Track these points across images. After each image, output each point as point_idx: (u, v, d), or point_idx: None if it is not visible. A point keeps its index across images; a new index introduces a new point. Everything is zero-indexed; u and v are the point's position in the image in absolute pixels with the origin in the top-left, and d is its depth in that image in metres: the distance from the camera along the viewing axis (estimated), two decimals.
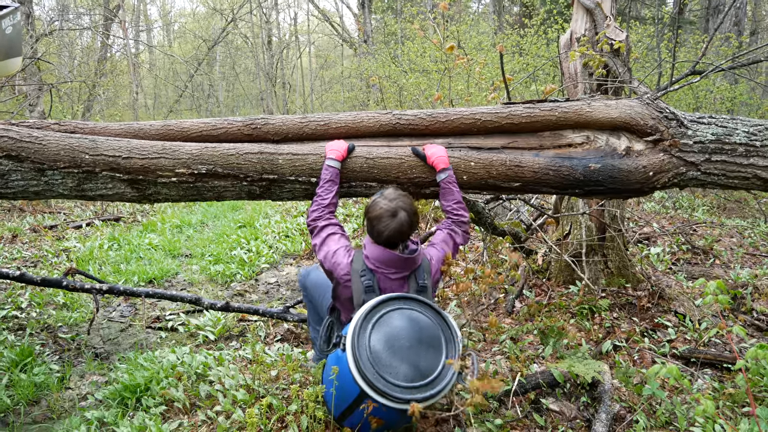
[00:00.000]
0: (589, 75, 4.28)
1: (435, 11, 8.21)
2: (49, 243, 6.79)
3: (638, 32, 8.99)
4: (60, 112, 11.67)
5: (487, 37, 13.09)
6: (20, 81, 9.97)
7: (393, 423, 2.40)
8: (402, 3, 23.06)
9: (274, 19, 28.39)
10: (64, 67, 13.87)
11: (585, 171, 2.90)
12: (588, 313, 3.93)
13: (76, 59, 15.59)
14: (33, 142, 2.89)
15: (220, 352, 3.68)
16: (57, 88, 11.44)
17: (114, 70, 18.22)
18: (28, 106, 10.01)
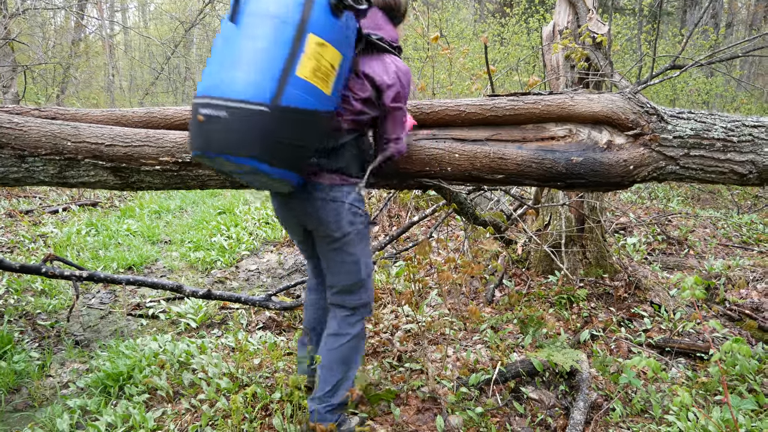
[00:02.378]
0: (571, 67, 4.32)
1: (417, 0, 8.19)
2: (25, 228, 6.69)
3: (618, 24, 9.07)
4: (34, 93, 11.47)
5: (469, 25, 13.10)
6: None
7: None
8: None
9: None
10: (38, 48, 13.58)
11: (567, 164, 2.94)
12: (566, 303, 4.01)
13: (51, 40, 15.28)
14: (13, 128, 2.86)
15: (202, 340, 3.69)
16: (31, 69, 11.24)
17: (88, 51, 17.91)
18: (1, 88, 9.83)
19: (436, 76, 7.02)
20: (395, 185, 3.14)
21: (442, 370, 3.20)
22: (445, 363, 3.28)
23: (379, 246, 4.27)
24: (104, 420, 2.76)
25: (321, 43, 2.05)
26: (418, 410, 2.88)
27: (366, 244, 2.60)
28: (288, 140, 2.05)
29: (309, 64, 2.02)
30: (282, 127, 2.01)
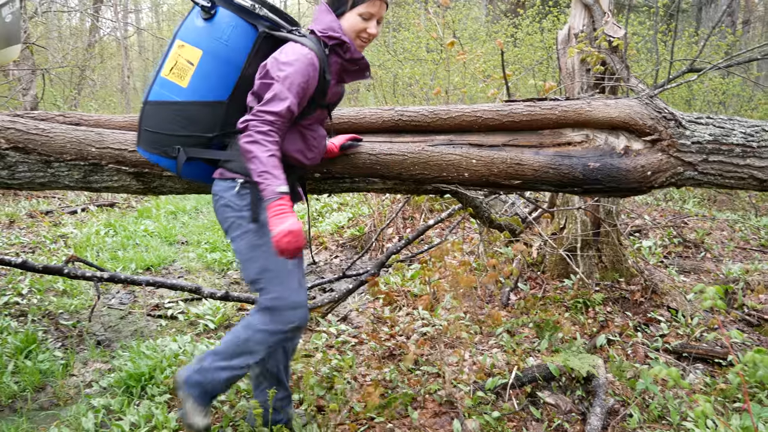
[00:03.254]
0: (586, 71, 4.33)
1: (430, 2, 8.22)
2: (46, 229, 6.80)
3: (633, 25, 9.04)
4: (52, 95, 11.61)
5: (481, 26, 13.09)
6: (13, 66, 9.89)
7: None
8: None
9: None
10: (56, 52, 13.75)
11: (584, 169, 2.95)
12: (582, 307, 4.02)
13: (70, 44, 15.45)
14: (40, 135, 2.93)
15: (220, 341, 3.73)
16: (49, 72, 11.38)
17: (103, 53, 18.09)
18: (21, 91, 9.96)
19: (449, 78, 7.05)
20: (412, 190, 3.18)
21: (458, 374, 3.23)
22: (462, 367, 3.31)
23: (395, 249, 4.31)
24: (128, 419, 2.82)
25: (181, 45, 2.42)
26: (434, 414, 2.91)
27: (248, 245, 2.36)
28: (151, 128, 2.47)
29: (169, 64, 2.42)
30: (146, 117, 2.48)
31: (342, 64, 2.46)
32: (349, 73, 2.52)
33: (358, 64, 2.47)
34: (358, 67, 2.49)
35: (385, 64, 9.95)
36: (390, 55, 9.51)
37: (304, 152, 2.47)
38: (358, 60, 2.45)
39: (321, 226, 6.88)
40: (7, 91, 10.36)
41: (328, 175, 2.93)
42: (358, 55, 2.43)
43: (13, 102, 10.26)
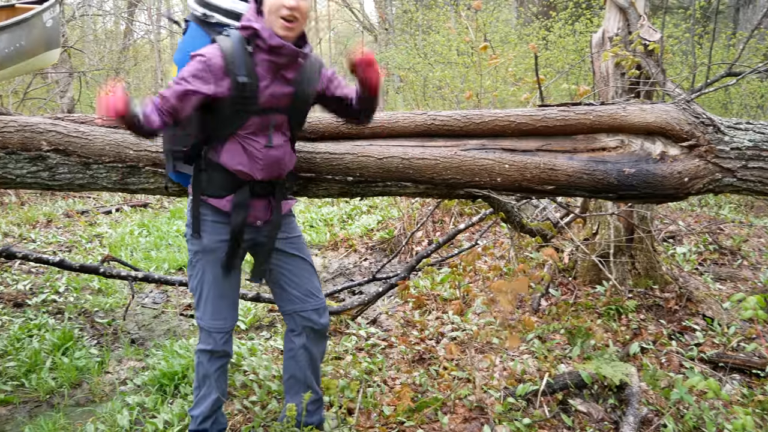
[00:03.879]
0: (621, 75, 4.27)
1: (460, 5, 8.19)
2: (82, 228, 6.95)
3: (668, 27, 8.90)
4: (88, 97, 11.87)
5: (511, 27, 13.01)
6: (51, 69, 10.13)
7: None
8: None
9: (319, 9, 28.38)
10: (92, 54, 14.05)
11: (619, 175, 2.92)
12: (615, 314, 3.97)
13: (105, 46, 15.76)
14: (80, 137, 2.99)
15: (251, 342, 3.78)
16: (85, 74, 11.63)
17: (137, 56, 18.41)
18: (59, 93, 10.20)
19: (481, 81, 7.02)
20: (444, 195, 3.18)
21: (489, 379, 3.22)
22: (492, 372, 3.29)
23: (425, 253, 4.31)
24: (161, 417, 2.87)
25: (172, 65, 2.51)
26: (465, 419, 2.90)
27: (192, 266, 2.46)
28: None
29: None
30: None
31: (271, 59, 2.20)
32: (284, 66, 2.23)
33: (281, 53, 2.18)
34: (287, 55, 2.20)
35: (415, 66, 9.95)
36: (420, 57, 9.51)
37: (247, 165, 2.29)
38: (279, 48, 2.16)
39: (350, 229, 6.90)
40: (45, 93, 10.61)
41: (360, 179, 2.94)
42: (275, 42, 2.13)
43: (51, 104, 10.51)
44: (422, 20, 13.45)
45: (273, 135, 2.30)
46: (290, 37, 2.18)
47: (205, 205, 2.39)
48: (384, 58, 16.77)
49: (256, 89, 2.20)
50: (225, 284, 2.47)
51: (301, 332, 2.56)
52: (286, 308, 2.58)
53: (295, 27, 2.16)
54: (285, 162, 2.39)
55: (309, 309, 2.54)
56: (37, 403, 3.22)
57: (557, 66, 8.28)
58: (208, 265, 2.42)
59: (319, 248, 6.54)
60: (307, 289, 2.55)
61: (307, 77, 2.33)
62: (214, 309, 2.46)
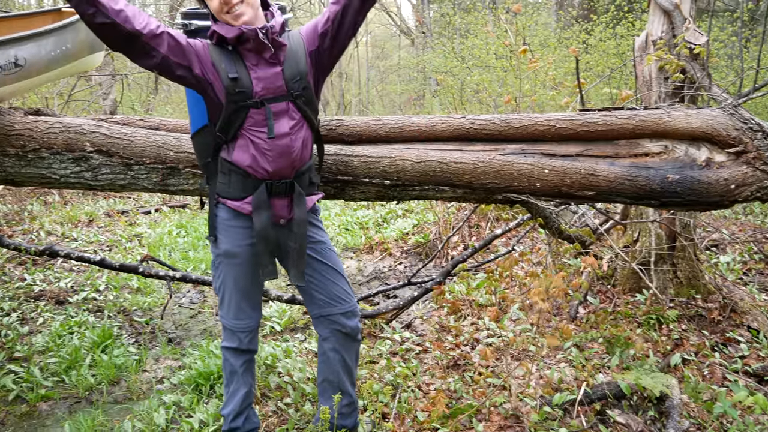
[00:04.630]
0: (664, 79, 4.18)
1: (499, 9, 8.13)
2: (122, 228, 7.09)
3: (714, 31, 8.69)
4: (130, 99, 12.12)
5: (550, 31, 12.86)
6: (95, 72, 10.37)
7: None
8: None
9: None
10: None
11: (662, 182, 2.85)
12: (655, 324, 3.87)
13: None
14: (122, 139, 3.04)
15: (286, 343, 3.79)
16: (127, 77, 11.88)
17: None
18: (102, 95, 10.43)
19: (520, 86, 6.95)
20: (482, 199, 3.14)
21: (525, 387, 3.17)
22: (528, 380, 3.24)
23: (461, 258, 4.27)
24: (197, 417, 2.90)
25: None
26: (500, 427, 2.86)
27: (215, 267, 2.52)
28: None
29: None
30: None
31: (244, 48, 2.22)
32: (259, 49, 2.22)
33: (245, 38, 2.19)
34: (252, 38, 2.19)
35: (453, 70, 9.91)
36: (457, 61, 9.47)
37: (256, 159, 2.29)
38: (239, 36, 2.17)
39: (386, 232, 6.89)
40: (88, 95, 10.87)
41: (397, 183, 2.93)
42: (233, 34, 2.17)
43: (95, 106, 10.76)
44: (460, 24, 13.40)
45: (275, 124, 2.27)
46: (246, 20, 2.18)
47: (224, 207, 2.41)
48: (421, 62, 16.75)
49: (248, 81, 2.21)
50: (248, 285, 2.50)
51: (330, 336, 2.56)
52: (314, 312, 2.58)
53: (242, 11, 2.17)
54: (297, 150, 2.33)
55: (337, 313, 2.53)
56: (76, 400, 3.28)
57: (597, 70, 8.15)
58: (230, 268, 2.46)
59: (354, 251, 6.54)
60: (334, 292, 2.54)
61: (293, 53, 2.30)
62: (237, 309, 2.51)
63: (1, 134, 3.09)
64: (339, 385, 2.60)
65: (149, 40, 2.11)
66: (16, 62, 3.32)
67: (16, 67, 3.32)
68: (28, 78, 3.48)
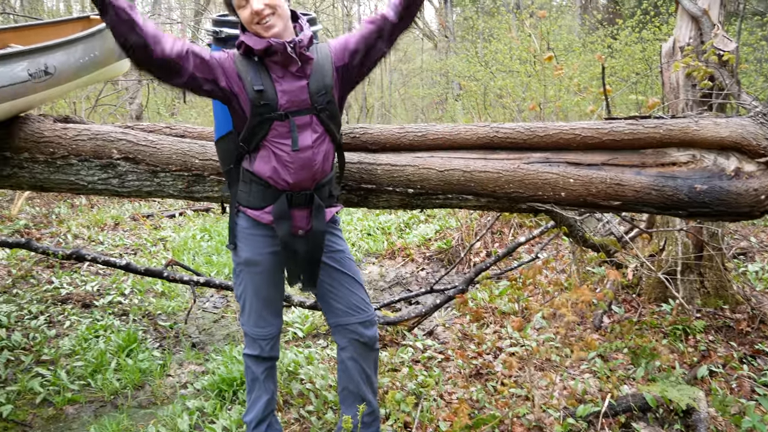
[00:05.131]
0: (692, 87, 4.12)
1: (523, 14, 8.09)
2: (147, 232, 7.17)
3: (742, 35, 8.55)
4: (155, 104, 12.27)
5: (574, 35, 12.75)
6: (122, 77, 10.52)
7: None
8: None
9: (355, 12, 28.68)
10: None
11: (690, 192, 2.81)
12: (682, 335, 3.81)
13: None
14: (148, 146, 3.08)
15: (309, 350, 3.80)
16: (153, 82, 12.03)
17: None
18: (128, 99, 10.58)
19: (542, 90, 6.91)
20: (506, 208, 3.12)
21: (548, 398, 3.14)
22: (552, 391, 3.21)
23: (484, 266, 4.25)
24: (220, 423, 2.92)
25: None
26: None
27: (236, 275, 2.54)
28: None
29: None
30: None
31: (271, 60, 2.23)
32: (284, 64, 2.23)
33: (273, 51, 2.19)
34: (280, 51, 2.19)
35: (476, 75, 9.88)
36: (481, 66, 9.43)
37: (277, 170, 2.29)
38: (268, 48, 2.18)
39: (408, 238, 6.89)
40: (115, 99, 11.03)
41: (421, 191, 2.92)
42: (261, 45, 2.17)
43: (121, 110, 10.92)
44: (483, 27, 13.36)
45: (299, 137, 2.27)
46: (276, 33, 2.18)
47: (244, 216, 2.43)
48: (444, 66, 16.72)
49: (273, 94, 2.22)
50: (268, 293, 2.52)
51: (348, 345, 2.56)
52: (332, 321, 2.58)
53: (273, 23, 2.17)
54: (318, 163, 2.33)
55: (354, 322, 2.53)
56: (101, 403, 3.32)
57: (623, 75, 8.06)
58: (251, 276, 2.48)
59: (376, 257, 6.55)
60: (352, 302, 2.54)
61: (320, 67, 2.31)
62: (259, 317, 2.53)
63: (31, 141, 3.15)
64: (359, 394, 2.59)
65: (177, 60, 2.14)
66: (46, 70, 3.37)
67: (46, 75, 3.38)
68: (57, 85, 3.53)
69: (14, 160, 3.17)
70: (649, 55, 8.36)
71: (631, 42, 8.60)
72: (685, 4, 4.17)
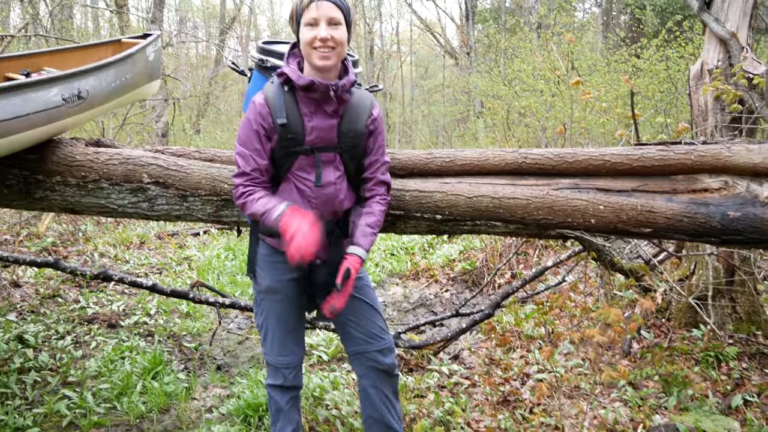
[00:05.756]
0: (721, 110, 4.08)
1: (546, 34, 8.08)
2: (172, 251, 7.24)
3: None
4: (181, 122, 12.45)
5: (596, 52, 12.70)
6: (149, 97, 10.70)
7: None
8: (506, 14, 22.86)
9: (377, 29, 28.97)
10: (185, 80, 14.77)
11: (723, 219, 2.76)
12: (714, 362, 3.74)
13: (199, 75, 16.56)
14: (178, 171, 3.11)
15: (334, 374, 3.78)
16: (179, 101, 12.23)
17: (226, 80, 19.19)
18: (155, 118, 10.74)
19: (566, 110, 6.87)
20: (535, 234, 3.09)
21: (578, 428, 3.09)
22: (582, 420, 3.16)
23: (511, 289, 4.21)
24: None
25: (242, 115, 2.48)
26: None
27: (257, 304, 2.53)
28: None
29: None
30: None
31: (308, 96, 2.23)
32: (323, 101, 2.24)
33: (314, 89, 2.19)
34: (321, 91, 2.20)
35: (499, 94, 9.88)
36: (504, 84, 9.43)
37: (299, 204, 2.27)
38: (311, 86, 2.18)
39: (432, 258, 6.86)
40: (142, 118, 11.19)
41: (449, 217, 2.91)
42: (303, 81, 2.17)
43: (148, 128, 11.08)
44: (505, 45, 13.38)
45: (323, 172, 2.28)
46: (328, 66, 2.18)
47: (263, 244, 2.43)
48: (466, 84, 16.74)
49: (300, 128, 2.22)
50: (290, 321, 2.49)
51: (367, 373, 2.53)
52: (350, 350, 2.56)
53: (330, 56, 2.16)
54: (339, 200, 2.36)
55: (373, 350, 2.51)
56: (127, 427, 3.32)
57: (647, 94, 8.01)
58: (272, 304, 2.46)
59: (400, 277, 6.53)
60: (371, 330, 2.51)
61: (354, 111, 2.32)
62: (281, 346, 2.50)
63: (64, 165, 3.20)
64: (384, 422, 2.57)
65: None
66: (79, 94, 3.42)
67: (79, 99, 3.43)
68: (89, 109, 3.59)
69: (46, 183, 3.21)
70: (673, 74, 8.29)
71: (655, 61, 8.54)
72: (713, 27, 4.14)
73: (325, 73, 2.21)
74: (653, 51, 8.58)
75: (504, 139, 8.43)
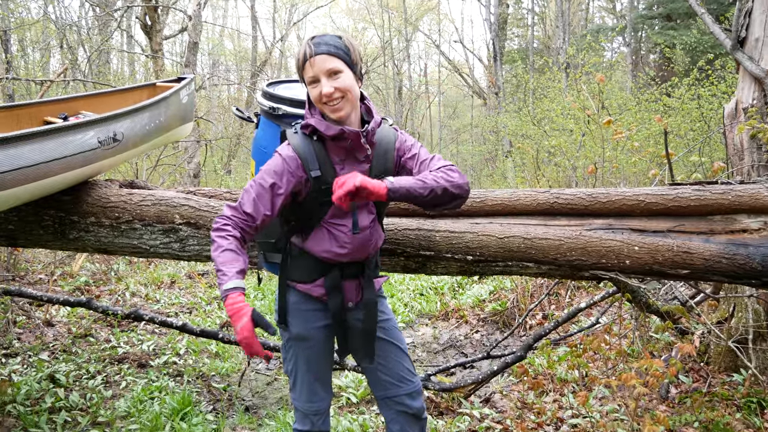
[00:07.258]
0: (757, 148, 4.00)
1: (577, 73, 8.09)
2: (202, 290, 7.28)
3: None
4: (212, 163, 12.69)
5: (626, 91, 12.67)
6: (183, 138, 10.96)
7: None
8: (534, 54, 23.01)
9: (405, 71, 29.38)
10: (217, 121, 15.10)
11: (763, 260, 2.69)
12: (756, 408, 3.59)
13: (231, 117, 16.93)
14: (209, 211, 3.14)
15: (363, 417, 3.72)
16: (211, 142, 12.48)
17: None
18: (187, 159, 10.96)
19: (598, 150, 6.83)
20: (568, 275, 3.04)
21: None
22: None
23: (543, 332, 4.13)
24: None
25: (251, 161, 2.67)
26: None
27: (285, 350, 2.45)
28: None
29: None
30: None
31: (339, 145, 2.20)
32: (354, 148, 2.22)
33: (344, 137, 2.16)
34: (351, 138, 2.17)
35: (528, 133, 9.89)
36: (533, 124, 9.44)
37: (333, 250, 2.25)
38: (340, 135, 2.15)
39: (461, 299, 6.79)
40: (175, 159, 11.43)
41: (480, 258, 2.88)
42: (332, 132, 2.14)
43: (180, 169, 11.30)
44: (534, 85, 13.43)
45: (359, 218, 2.25)
46: (343, 117, 2.15)
47: (294, 291, 2.37)
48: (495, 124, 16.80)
49: (333, 177, 2.16)
50: (320, 367, 2.44)
51: (396, 417, 2.47)
52: (379, 394, 2.50)
53: (341, 107, 2.14)
54: (373, 242, 2.34)
55: (401, 394, 2.45)
56: None
57: (680, 133, 7.93)
58: (302, 351, 2.40)
59: (429, 318, 6.45)
60: (398, 373, 2.46)
61: (382, 149, 2.29)
62: (310, 392, 2.44)
63: (98, 206, 3.25)
64: None
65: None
66: (114, 137, 3.50)
67: (114, 141, 3.51)
68: (124, 151, 3.67)
69: (81, 224, 3.27)
70: (706, 112, 8.21)
71: (687, 99, 8.48)
72: (748, 66, 4.10)
73: (346, 120, 2.19)
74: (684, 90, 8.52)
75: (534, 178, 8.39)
